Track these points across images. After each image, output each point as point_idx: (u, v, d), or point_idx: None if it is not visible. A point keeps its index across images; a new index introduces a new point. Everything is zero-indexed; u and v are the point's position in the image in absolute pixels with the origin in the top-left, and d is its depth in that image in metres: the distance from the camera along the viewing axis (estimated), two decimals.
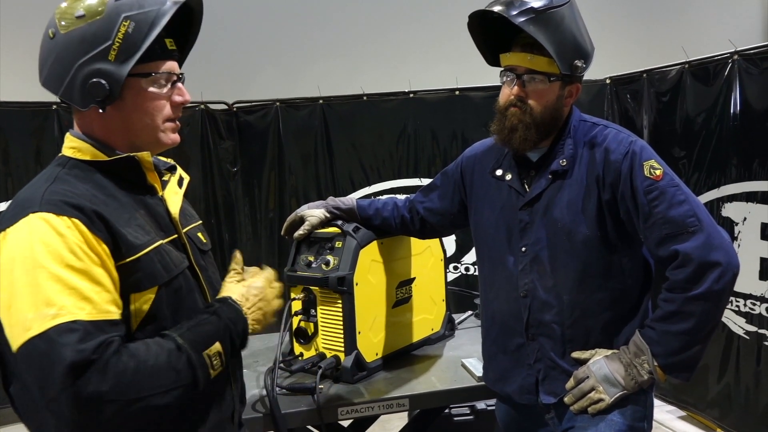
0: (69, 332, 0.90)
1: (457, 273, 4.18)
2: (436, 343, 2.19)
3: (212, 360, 1.04)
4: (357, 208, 1.90)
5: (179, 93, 1.15)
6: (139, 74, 1.08)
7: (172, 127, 1.16)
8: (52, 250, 0.94)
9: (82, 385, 0.88)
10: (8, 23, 4.28)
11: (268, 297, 1.21)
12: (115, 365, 0.92)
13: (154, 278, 1.05)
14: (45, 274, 0.92)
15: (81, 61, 1.04)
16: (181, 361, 0.99)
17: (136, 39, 1.04)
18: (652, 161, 1.43)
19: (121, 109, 1.09)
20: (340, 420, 1.74)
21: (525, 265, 1.54)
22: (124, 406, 0.92)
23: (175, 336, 1.02)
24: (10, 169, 3.78)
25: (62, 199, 0.99)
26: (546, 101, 1.48)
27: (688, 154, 3.28)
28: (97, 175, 1.08)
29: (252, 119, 4.35)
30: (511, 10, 1.41)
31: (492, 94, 3.79)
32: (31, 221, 0.96)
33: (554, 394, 1.53)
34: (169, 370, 0.97)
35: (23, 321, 0.91)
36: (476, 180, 1.69)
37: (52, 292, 0.92)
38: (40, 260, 0.93)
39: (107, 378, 0.90)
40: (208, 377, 1.03)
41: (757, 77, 2.88)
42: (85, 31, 1.04)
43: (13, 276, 0.93)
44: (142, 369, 0.94)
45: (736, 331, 3.04)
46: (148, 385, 0.94)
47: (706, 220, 1.39)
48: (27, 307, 0.91)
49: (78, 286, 0.94)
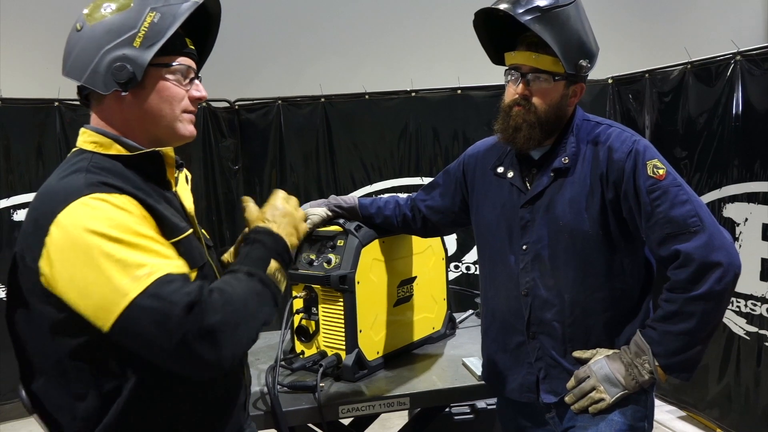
0: (169, 283, 0.97)
1: (458, 272, 4.19)
2: (437, 341, 2.19)
3: (277, 276, 1.13)
4: (359, 206, 1.90)
5: (197, 89, 1.20)
6: (160, 64, 1.12)
7: (189, 119, 1.20)
8: (120, 223, 0.99)
9: (199, 320, 0.95)
10: (9, 20, 4.28)
11: (290, 210, 1.26)
12: (217, 300, 0.99)
13: (194, 260, 1.13)
14: (124, 242, 0.97)
15: (107, 47, 1.09)
16: (257, 284, 1.08)
17: (161, 28, 1.09)
18: (656, 160, 1.43)
19: (141, 98, 1.13)
20: (341, 418, 1.74)
21: (526, 263, 1.54)
22: (234, 332, 0.99)
23: (239, 267, 1.09)
24: (12, 166, 3.78)
25: (106, 182, 1.04)
26: (550, 100, 1.48)
27: (690, 155, 3.28)
28: (123, 169, 1.11)
29: (253, 117, 4.35)
30: (517, 9, 1.41)
31: (494, 93, 3.82)
32: (86, 203, 0.99)
33: (555, 393, 1.53)
34: (252, 293, 1.06)
35: (117, 290, 0.95)
36: (478, 178, 1.69)
37: (137, 257, 0.97)
38: (113, 234, 0.97)
39: (216, 311, 0.97)
40: (280, 292, 1.13)
41: (760, 78, 2.88)
42: (112, 21, 1.10)
43: (90, 256, 0.96)
44: (234, 299, 1.02)
45: (737, 332, 3.04)
46: (243, 311, 1.03)
47: (708, 221, 1.39)
48: (117, 277, 0.95)
49: (156, 249, 1.00)
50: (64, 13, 4.49)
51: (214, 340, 0.96)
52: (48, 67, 4.35)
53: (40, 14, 4.43)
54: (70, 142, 3.92)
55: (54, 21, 4.44)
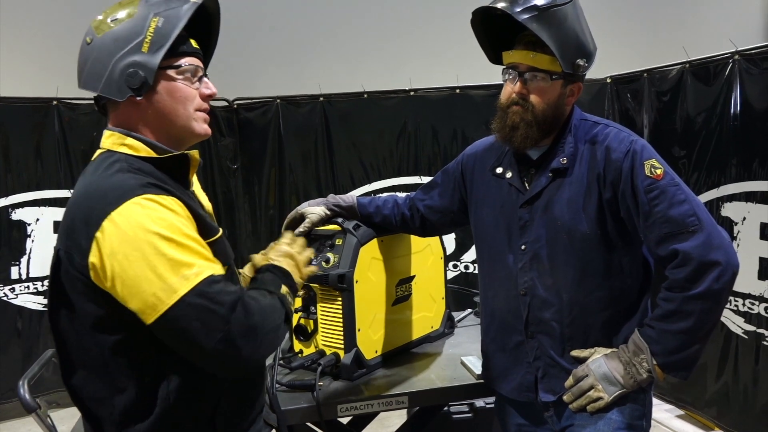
0: (215, 283, 1.04)
1: (456, 271, 4.19)
2: (436, 340, 2.19)
3: (288, 298, 1.21)
4: (357, 205, 1.90)
5: (206, 86, 1.24)
6: (169, 66, 1.17)
7: (203, 117, 1.24)
8: (171, 224, 1.04)
9: (242, 318, 1.03)
10: (9, 19, 4.28)
11: (291, 252, 1.33)
12: (253, 304, 1.08)
13: (227, 257, 1.20)
14: (173, 243, 1.03)
15: (118, 56, 1.14)
16: (276, 301, 1.16)
17: (165, 31, 1.14)
18: (653, 160, 1.43)
19: (155, 101, 1.18)
20: (340, 417, 1.74)
21: (525, 263, 1.54)
22: (265, 335, 1.08)
23: (259, 286, 1.19)
24: (11, 165, 3.78)
25: (156, 183, 1.10)
26: (548, 99, 1.49)
27: (688, 154, 3.29)
28: (155, 171, 1.16)
29: (252, 116, 4.35)
30: (515, 7, 1.42)
31: (492, 92, 3.82)
32: (139, 203, 1.04)
33: (553, 392, 1.53)
34: (275, 307, 1.14)
35: (167, 287, 1.01)
36: (476, 178, 1.70)
37: (185, 257, 1.03)
38: (166, 233, 1.03)
39: (254, 313, 1.06)
40: (291, 313, 1.22)
41: (758, 77, 2.88)
42: (119, 31, 1.15)
43: (142, 252, 1.01)
44: (264, 307, 1.10)
45: (735, 331, 3.04)
46: (270, 318, 1.11)
47: (706, 220, 1.39)
48: (167, 275, 1.01)
49: (201, 250, 1.07)
50: (62, 12, 4.50)
51: (253, 337, 1.04)
52: (46, 66, 4.36)
53: (39, 14, 4.43)
54: (69, 141, 3.93)
55: (53, 21, 4.45)
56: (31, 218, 3.85)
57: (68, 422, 1.45)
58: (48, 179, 3.89)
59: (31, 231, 3.85)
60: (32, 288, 3.87)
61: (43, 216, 3.86)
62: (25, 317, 3.85)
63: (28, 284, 3.86)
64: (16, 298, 3.83)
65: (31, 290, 3.87)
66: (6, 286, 3.79)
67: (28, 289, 3.86)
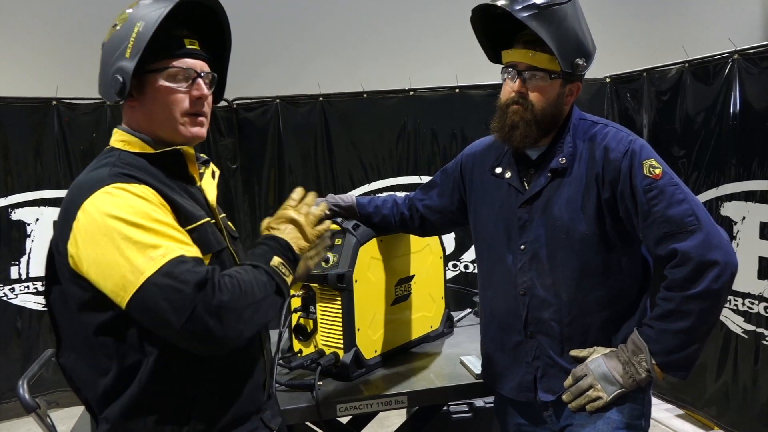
0: (182, 263, 1.04)
1: (456, 271, 4.19)
2: (435, 340, 2.19)
3: (280, 269, 1.18)
4: (357, 205, 1.90)
5: (197, 88, 1.22)
6: (155, 70, 1.19)
7: (191, 121, 1.23)
8: (138, 210, 1.07)
9: (209, 297, 1.03)
10: (8, 19, 4.28)
11: (294, 217, 1.28)
12: (227, 282, 1.07)
13: (209, 246, 1.19)
14: (141, 227, 1.05)
15: (111, 62, 1.18)
16: (262, 274, 1.14)
17: (144, 36, 1.14)
18: (652, 160, 1.43)
19: (143, 103, 1.21)
20: (339, 417, 1.75)
21: (524, 262, 1.54)
22: (241, 313, 1.06)
23: (244, 262, 1.18)
24: (10, 165, 3.78)
25: (128, 173, 1.13)
26: (547, 98, 1.49)
27: (688, 153, 3.29)
28: (147, 165, 1.19)
29: (252, 116, 4.35)
30: (515, 6, 1.42)
31: (492, 92, 3.82)
32: (109, 191, 1.08)
33: (552, 391, 1.53)
34: (258, 281, 1.12)
35: (134, 269, 1.03)
36: (476, 178, 1.70)
37: (153, 239, 1.05)
38: (132, 219, 1.05)
39: (224, 291, 1.05)
40: (286, 283, 1.19)
41: (757, 77, 2.88)
42: (114, 36, 1.19)
43: (109, 238, 1.04)
44: (243, 283, 1.09)
45: (735, 330, 3.05)
46: (251, 294, 1.09)
47: (705, 220, 1.39)
48: (134, 257, 1.03)
49: (171, 233, 1.08)
50: (62, 13, 4.50)
51: (222, 316, 1.03)
52: (46, 66, 4.36)
53: (39, 14, 4.42)
54: (68, 140, 3.93)
55: (53, 20, 4.44)
56: (31, 218, 3.85)
57: (68, 422, 1.45)
58: (47, 179, 3.89)
59: (30, 231, 3.85)
60: (32, 288, 3.87)
61: (42, 216, 3.86)
62: (24, 317, 3.86)
63: (27, 284, 3.86)
64: (16, 298, 3.83)
65: (31, 290, 3.87)
66: (6, 286, 3.79)
67: (27, 289, 3.86)
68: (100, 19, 5.16)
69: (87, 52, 4.56)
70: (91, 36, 4.53)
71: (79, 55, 4.46)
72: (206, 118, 1.26)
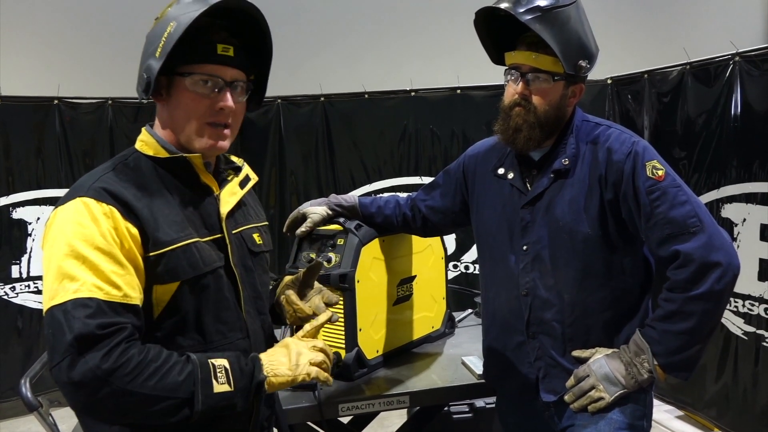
0: (83, 307, 0.99)
1: (457, 271, 4.19)
2: (437, 340, 2.20)
3: (216, 370, 1.06)
4: (359, 205, 1.91)
5: (222, 98, 1.15)
6: (182, 73, 1.14)
7: (210, 131, 1.17)
8: (84, 232, 1.04)
9: (83, 358, 0.97)
10: (9, 18, 4.28)
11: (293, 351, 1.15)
12: (122, 352, 0.99)
13: (176, 274, 1.10)
14: (74, 253, 1.03)
15: (144, 59, 1.15)
16: (185, 370, 1.03)
17: (173, 38, 1.09)
18: (655, 162, 1.44)
19: (169, 107, 1.17)
20: (341, 416, 1.75)
21: (526, 263, 1.54)
22: (119, 396, 0.98)
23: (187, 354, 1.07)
24: (11, 164, 3.78)
25: (106, 187, 1.08)
26: (550, 100, 1.49)
27: (689, 155, 3.29)
28: (158, 170, 1.16)
29: (253, 116, 4.34)
30: (518, 8, 1.42)
31: (493, 93, 3.82)
32: (76, 204, 1.07)
33: (554, 392, 1.54)
34: (171, 378, 1.01)
35: (50, 290, 1.02)
36: (478, 179, 1.70)
37: (77, 269, 1.02)
38: (72, 239, 1.03)
39: (109, 360, 0.97)
40: (205, 398, 1.03)
41: (758, 79, 2.89)
42: (151, 33, 1.16)
43: (53, 251, 1.04)
44: (146, 367, 1.00)
45: (735, 332, 3.05)
46: (147, 385, 0.99)
47: (707, 221, 1.39)
48: (54, 279, 1.02)
49: (102, 268, 1.03)
50: (64, 12, 4.49)
51: (91, 386, 0.97)
52: (48, 65, 4.36)
53: (40, 13, 4.42)
54: (70, 140, 3.93)
55: (54, 20, 4.44)
56: (32, 217, 3.85)
57: (69, 421, 1.45)
58: (49, 178, 3.89)
59: (31, 230, 3.84)
60: (33, 287, 3.87)
61: (43, 215, 3.85)
62: (25, 316, 3.85)
63: (28, 283, 3.85)
64: (17, 297, 3.83)
65: (32, 289, 3.87)
66: (6, 285, 3.79)
67: (28, 288, 3.86)
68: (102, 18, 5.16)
69: (89, 52, 4.58)
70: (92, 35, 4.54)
71: (81, 55, 4.48)
72: (231, 130, 1.19)
